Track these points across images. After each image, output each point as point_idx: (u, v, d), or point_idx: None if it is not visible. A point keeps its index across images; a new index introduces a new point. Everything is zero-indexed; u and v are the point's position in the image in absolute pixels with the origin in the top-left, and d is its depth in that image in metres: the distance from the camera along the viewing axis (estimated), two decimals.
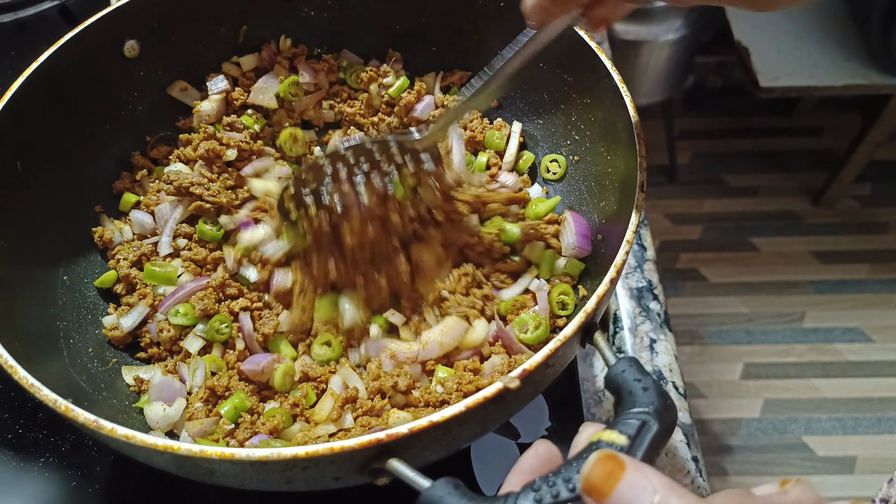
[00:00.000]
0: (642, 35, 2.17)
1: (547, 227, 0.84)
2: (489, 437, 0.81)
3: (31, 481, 0.79)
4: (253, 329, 0.80)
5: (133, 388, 0.78)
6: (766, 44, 2.16)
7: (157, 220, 0.88)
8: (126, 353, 0.82)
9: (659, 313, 0.95)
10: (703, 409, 2.31)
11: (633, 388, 0.52)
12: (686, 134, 2.98)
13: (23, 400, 0.84)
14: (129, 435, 0.52)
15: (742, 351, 2.44)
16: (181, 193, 0.87)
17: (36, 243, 0.78)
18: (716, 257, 2.67)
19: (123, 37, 0.86)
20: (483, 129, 0.95)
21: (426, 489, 0.48)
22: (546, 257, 0.82)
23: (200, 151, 0.88)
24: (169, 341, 0.80)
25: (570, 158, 0.90)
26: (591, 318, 0.59)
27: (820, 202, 2.75)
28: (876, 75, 2.07)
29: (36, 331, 0.73)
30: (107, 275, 0.84)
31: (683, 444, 0.84)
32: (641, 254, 1.01)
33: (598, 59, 0.77)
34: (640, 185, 0.67)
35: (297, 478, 0.56)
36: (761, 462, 2.21)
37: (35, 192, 0.79)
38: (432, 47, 0.97)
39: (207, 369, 0.78)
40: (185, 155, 0.90)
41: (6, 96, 0.74)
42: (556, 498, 0.42)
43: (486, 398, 0.53)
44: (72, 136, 0.83)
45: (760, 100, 2.20)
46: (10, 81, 0.75)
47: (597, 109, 0.82)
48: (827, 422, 2.28)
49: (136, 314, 0.81)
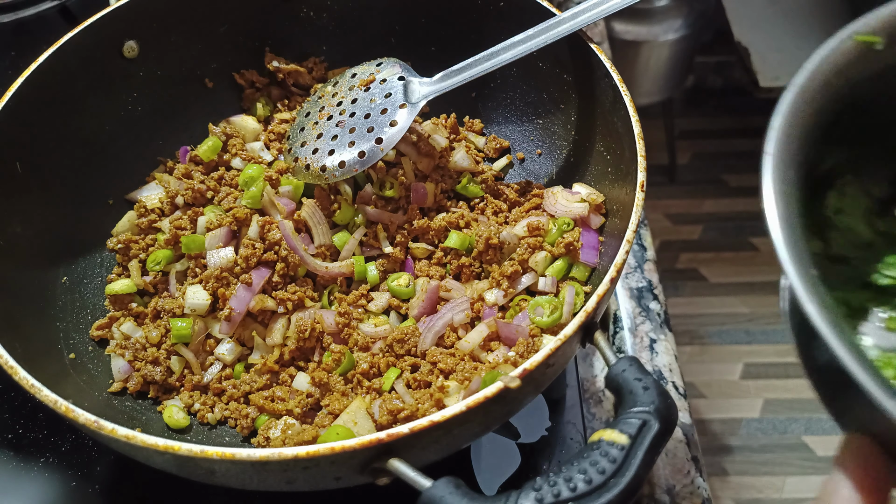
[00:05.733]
0: (642, 35, 2.17)
1: (563, 238, 0.82)
2: (489, 437, 0.81)
3: (31, 481, 0.79)
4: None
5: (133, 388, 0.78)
6: (766, 44, 2.16)
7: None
8: None
9: (659, 313, 0.95)
10: (703, 409, 2.31)
11: (634, 388, 0.52)
12: (686, 134, 2.98)
13: (23, 400, 0.84)
14: (130, 435, 0.52)
15: (742, 351, 2.44)
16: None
17: (35, 244, 0.78)
18: (716, 257, 2.67)
19: (123, 37, 0.86)
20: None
21: (427, 489, 0.49)
22: (556, 267, 0.81)
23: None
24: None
25: (570, 158, 0.90)
26: (592, 317, 0.59)
27: None
28: None
29: (36, 331, 0.73)
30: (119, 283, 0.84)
31: (683, 444, 0.84)
32: (641, 254, 1.01)
33: (598, 59, 0.77)
34: (640, 185, 0.67)
35: (298, 478, 0.56)
36: (761, 462, 2.21)
37: (34, 193, 0.79)
38: (432, 47, 0.97)
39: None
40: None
41: (6, 96, 0.74)
42: (557, 497, 0.42)
43: (486, 398, 0.53)
44: (71, 137, 0.83)
45: (760, 100, 2.19)
46: (10, 81, 0.75)
47: (597, 109, 0.82)
48: (827, 422, 2.27)
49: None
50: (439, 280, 0.83)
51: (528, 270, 0.81)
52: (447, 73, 0.81)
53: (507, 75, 0.94)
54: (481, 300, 0.80)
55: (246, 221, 0.83)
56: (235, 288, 0.79)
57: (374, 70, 0.87)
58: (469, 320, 0.80)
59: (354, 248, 0.85)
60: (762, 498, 2.14)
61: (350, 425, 0.69)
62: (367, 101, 0.83)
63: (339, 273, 0.83)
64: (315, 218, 0.85)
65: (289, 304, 0.80)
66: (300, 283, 0.83)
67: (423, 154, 0.90)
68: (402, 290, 0.82)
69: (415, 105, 0.81)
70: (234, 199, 0.87)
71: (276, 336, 0.79)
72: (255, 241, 0.81)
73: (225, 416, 0.76)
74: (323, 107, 0.88)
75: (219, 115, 0.97)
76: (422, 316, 0.81)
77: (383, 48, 0.99)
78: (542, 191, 0.88)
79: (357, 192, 0.88)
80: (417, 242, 0.87)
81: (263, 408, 0.75)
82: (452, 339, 0.78)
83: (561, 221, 0.82)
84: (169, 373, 0.78)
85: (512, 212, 0.88)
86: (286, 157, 0.88)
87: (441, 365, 0.74)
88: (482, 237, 0.82)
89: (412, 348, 0.77)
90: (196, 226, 0.85)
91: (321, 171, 0.81)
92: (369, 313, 0.82)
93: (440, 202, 0.90)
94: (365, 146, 0.80)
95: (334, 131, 0.83)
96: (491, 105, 0.98)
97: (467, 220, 0.87)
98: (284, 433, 0.72)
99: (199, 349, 0.80)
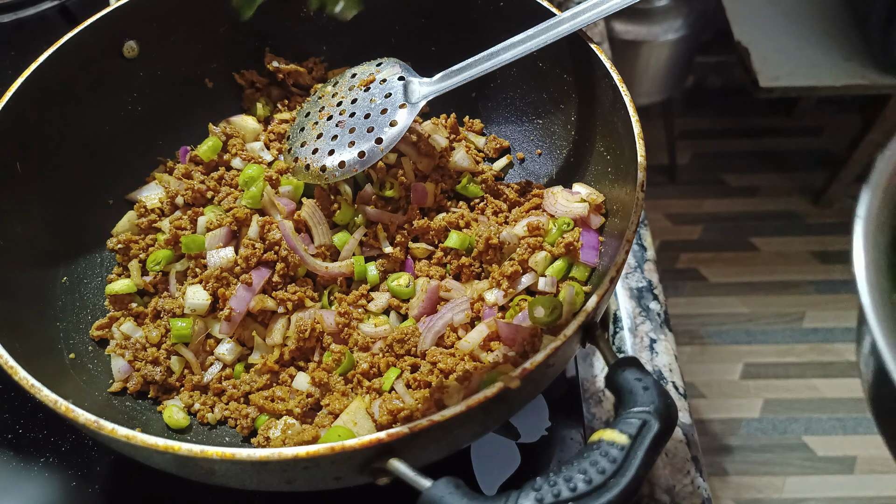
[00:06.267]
0: (642, 35, 2.17)
1: (563, 238, 0.83)
2: (489, 437, 0.81)
3: (31, 481, 0.79)
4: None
5: (133, 388, 0.78)
6: (766, 44, 2.16)
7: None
8: None
9: (659, 313, 0.95)
10: (703, 409, 2.31)
11: (634, 388, 0.52)
12: (686, 134, 2.98)
13: (23, 400, 0.84)
14: (130, 435, 0.52)
15: (742, 351, 2.44)
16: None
17: (35, 244, 0.78)
18: (716, 257, 2.67)
19: (123, 37, 0.86)
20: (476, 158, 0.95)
21: (427, 489, 0.49)
22: (556, 267, 0.81)
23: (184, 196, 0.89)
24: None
25: (570, 158, 0.90)
26: (592, 317, 0.59)
27: (820, 202, 2.75)
28: (876, 75, 2.07)
29: (36, 331, 0.73)
30: (119, 283, 0.84)
31: (683, 444, 0.84)
32: (641, 254, 1.01)
33: (598, 59, 0.77)
34: (640, 185, 0.67)
35: (298, 478, 0.56)
36: (761, 462, 2.21)
37: (34, 193, 0.79)
38: (432, 47, 0.97)
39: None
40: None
41: (6, 96, 0.74)
42: (557, 497, 0.42)
43: (486, 397, 0.53)
44: (71, 137, 0.83)
45: (760, 100, 2.20)
46: (10, 81, 0.75)
47: (597, 109, 0.82)
48: (827, 422, 2.28)
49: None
50: (439, 280, 0.83)
51: (528, 270, 0.81)
52: (447, 73, 0.81)
53: (507, 75, 0.94)
54: (481, 300, 0.80)
55: (246, 221, 0.83)
56: (235, 288, 0.79)
57: (374, 70, 0.87)
58: (469, 320, 0.80)
59: (354, 248, 0.85)
60: (762, 498, 2.14)
61: (350, 425, 0.69)
62: (367, 101, 0.83)
63: (339, 273, 0.83)
64: (315, 218, 0.85)
65: (289, 304, 0.80)
66: (300, 283, 0.83)
67: (423, 154, 0.90)
68: (402, 290, 0.83)
69: (415, 105, 0.81)
70: (234, 199, 0.87)
71: (276, 336, 0.79)
72: (255, 241, 0.81)
73: (225, 416, 0.76)
74: (323, 107, 0.88)
75: (219, 115, 0.97)
76: (422, 316, 0.81)
77: (383, 48, 0.98)
78: (542, 191, 0.88)
79: (357, 192, 0.88)
80: (417, 242, 0.87)
81: (263, 408, 0.75)
82: (452, 339, 0.78)
83: (561, 221, 0.82)
84: (169, 373, 0.78)
85: (512, 212, 0.88)
86: (286, 157, 0.88)
87: (441, 365, 0.74)
88: (482, 237, 0.82)
89: (412, 348, 0.77)
90: (196, 226, 0.85)
91: (321, 171, 0.81)
92: (369, 313, 0.82)
93: (440, 202, 0.90)
94: (365, 146, 0.80)
95: (334, 131, 0.83)
96: (491, 105, 0.98)
97: (467, 220, 0.87)
98: (284, 433, 0.72)
99: (199, 349, 0.80)
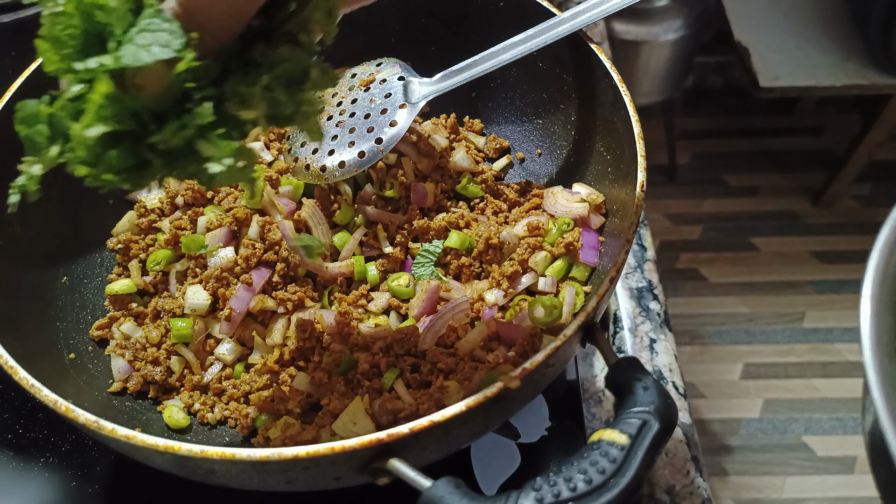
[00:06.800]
0: (642, 35, 2.17)
1: (563, 238, 0.83)
2: (489, 437, 0.81)
3: (31, 481, 0.79)
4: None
5: (133, 388, 0.78)
6: (766, 44, 2.16)
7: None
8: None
9: (659, 313, 0.95)
10: (703, 409, 2.31)
11: (634, 388, 0.52)
12: (686, 134, 2.98)
13: (23, 400, 0.84)
14: (130, 435, 0.52)
15: (742, 351, 2.44)
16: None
17: (35, 244, 0.77)
18: (716, 257, 2.67)
19: None
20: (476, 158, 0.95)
21: (427, 489, 0.49)
22: (556, 267, 0.81)
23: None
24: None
25: (570, 159, 0.90)
26: (592, 317, 0.59)
27: (820, 202, 2.75)
28: (876, 75, 2.07)
29: (36, 331, 0.73)
30: (119, 283, 0.84)
31: (683, 444, 0.84)
32: (641, 254, 1.01)
33: (598, 59, 0.77)
34: (640, 185, 0.67)
35: (298, 478, 0.56)
36: (761, 462, 2.21)
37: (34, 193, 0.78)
38: (432, 47, 0.97)
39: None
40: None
41: (6, 96, 0.74)
42: (557, 497, 0.42)
43: (486, 398, 0.53)
44: None
45: (760, 100, 2.20)
46: (10, 81, 0.75)
47: (597, 109, 0.82)
48: (827, 422, 2.28)
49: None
50: (439, 280, 0.83)
51: (528, 270, 0.81)
52: (447, 73, 0.81)
53: (507, 75, 0.94)
54: (481, 300, 0.80)
55: (246, 221, 0.83)
56: (235, 288, 0.79)
57: (374, 70, 0.87)
58: (469, 320, 0.80)
59: (354, 248, 0.85)
60: (762, 498, 2.14)
61: (349, 425, 0.69)
62: (367, 102, 0.83)
63: (339, 273, 0.83)
64: (315, 218, 0.85)
65: (289, 305, 0.80)
66: (300, 283, 0.83)
67: (423, 154, 0.90)
68: (402, 290, 0.83)
69: (415, 105, 0.81)
70: (234, 199, 0.87)
71: (276, 336, 0.79)
72: (255, 241, 0.81)
73: (225, 416, 0.77)
74: (323, 107, 0.88)
75: None
76: (422, 316, 0.81)
77: (383, 48, 0.98)
78: (542, 191, 0.88)
79: (357, 192, 0.88)
80: (417, 242, 0.87)
81: (263, 408, 0.75)
82: (452, 339, 0.78)
83: (561, 221, 0.82)
84: (169, 373, 0.78)
85: (512, 212, 0.88)
86: (286, 157, 0.88)
87: (441, 365, 0.74)
88: (482, 237, 0.82)
89: (412, 348, 0.77)
90: (196, 226, 0.85)
91: (321, 171, 0.81)
92: (369, 313, 0.82)
93: (440, 202, 0.90)
94: (365, 146, 0.80)
95: (334, 131, 0.83)
96: (491, 105, 0.98)
97: (467, 220, 0.87)
98: (284, 433, 0.72)
99: (199, 349, 0.80)
